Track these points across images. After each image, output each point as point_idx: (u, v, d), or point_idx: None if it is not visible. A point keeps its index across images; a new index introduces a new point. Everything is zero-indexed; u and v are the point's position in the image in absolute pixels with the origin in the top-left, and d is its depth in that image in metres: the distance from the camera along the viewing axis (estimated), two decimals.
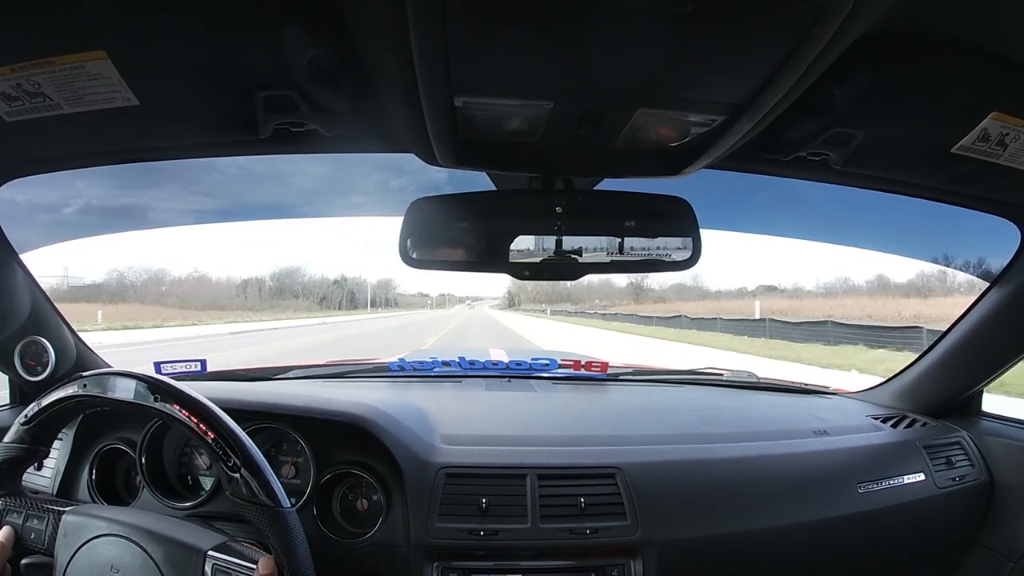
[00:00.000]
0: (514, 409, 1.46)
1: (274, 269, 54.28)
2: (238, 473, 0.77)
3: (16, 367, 1.25)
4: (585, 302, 53.15)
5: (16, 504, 0.83)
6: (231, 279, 47.62)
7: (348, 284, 59.72)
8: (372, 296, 65.78)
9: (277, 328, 23.93)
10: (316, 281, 57.24)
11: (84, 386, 0.81)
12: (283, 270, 54.45)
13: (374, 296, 66.31)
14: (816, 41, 0.57)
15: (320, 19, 0.68)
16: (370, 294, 64.95)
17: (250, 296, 45.53)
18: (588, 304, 50.89)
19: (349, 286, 59.72)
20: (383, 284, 72.21)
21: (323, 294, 55.19)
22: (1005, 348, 1.32)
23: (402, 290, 79.18)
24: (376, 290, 69.03)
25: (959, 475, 1.31)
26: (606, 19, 0.57)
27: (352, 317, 40.00)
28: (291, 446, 1.14)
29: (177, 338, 16.43)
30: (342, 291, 57.35)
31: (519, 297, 73.02)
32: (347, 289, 58.39)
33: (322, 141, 0.95)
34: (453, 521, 1.03)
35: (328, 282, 57.52)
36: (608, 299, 51.51)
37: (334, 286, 57.45)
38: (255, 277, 51.09)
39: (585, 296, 55.22)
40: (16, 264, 1.16)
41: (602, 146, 0.86)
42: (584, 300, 54.39)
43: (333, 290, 57.12)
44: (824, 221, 1.52)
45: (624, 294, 50.94)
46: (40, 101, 0.79)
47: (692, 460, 1.16)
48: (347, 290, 58.48)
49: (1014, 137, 0.86)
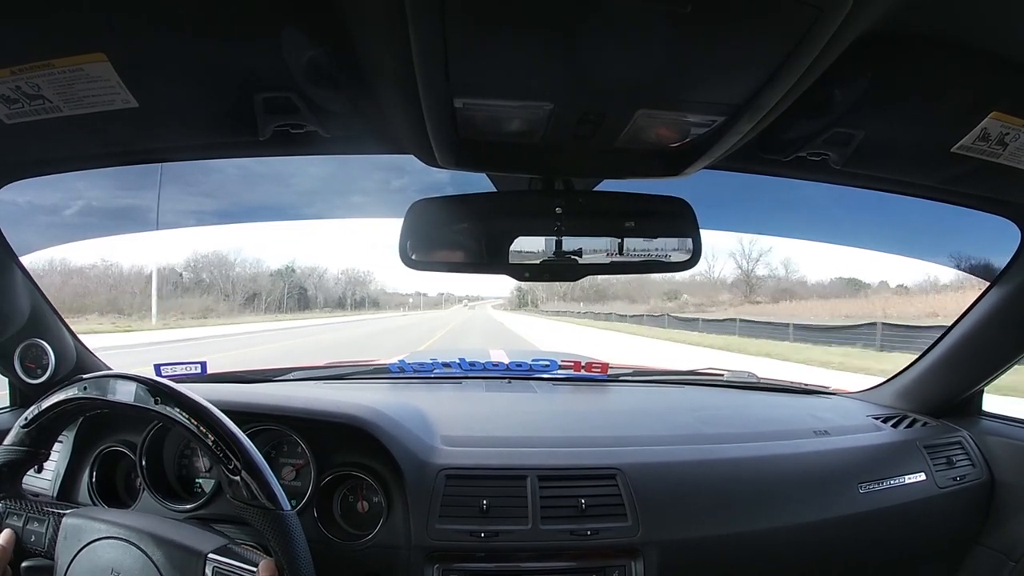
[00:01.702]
0: (514, 410, 1.46)
1: (190, 255, 34.31)
2: (238, 476, 0.77)
3: (16, 370, 1.24)
4: (648, 301, 34.05)
5: (16, 507, 0.83)
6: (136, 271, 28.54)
7: (297, 277, 41.14)
8: (341, 294, 47.37)
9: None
10: (250, 273, 37.88)
11: (84, 388, 0.81)
12: (202, 257, 35.20)
13: (341, 294, 47.68)
14: (816, 41, 0.57)
15: (319, 20, 0.68)
16: (315, 291, 43.87)
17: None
18: (651, 305, 32.21)
19: (298, 279, 41.28)
20: (356, 279, 51.15)
21: (254, 289, 36.80)
22: (1005, 347, 1.32)
23: (383, 286, 57.22)
24: (343, 286, 49.00)
25: (960, 475, 1.31)
26: (606, 20, 0.57)
27: (283, 324, 27.03)
28: (291, 448, 1.14)
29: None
30: (284, 284, 39.05)
31: (532, 295, 53.98)
32: (292, 283, 39.91)
33: (322, 142, 0.95)
34: (454, 523, 1.03)
35: (266, 274, 38.67)
36: (705, 296, 32.08)
37: (275, 279, 38.84)
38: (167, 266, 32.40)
39: (648, 292, 35.25)
40: (16, 266, 1.16)
41: (602, 147, 0.86)
42: (641, 299, 35.01)
43: (271, 284, 38.40)
44: (824, 221, 1.52)
45: (719, 288, 32.07)
46: (40, 103, 0.79)
47: (693, 461, 1.16)
48: (293, 284, 39.94)
49: (1014, 137, 0.86)
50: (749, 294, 30.38)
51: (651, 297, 34.97)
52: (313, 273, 44.97)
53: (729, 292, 31.79)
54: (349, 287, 49.91)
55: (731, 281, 32.37)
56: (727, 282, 32.63)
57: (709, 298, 31.73)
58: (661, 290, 34.79)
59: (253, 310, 35.25)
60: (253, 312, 34.50)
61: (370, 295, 52.63)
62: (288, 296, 39.93)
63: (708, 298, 31.85)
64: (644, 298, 35.25)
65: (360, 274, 51.98)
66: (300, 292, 41.51)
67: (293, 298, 40.22)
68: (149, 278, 27.23)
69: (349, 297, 48.91)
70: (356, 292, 50.50)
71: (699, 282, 33.26)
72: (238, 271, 37.19)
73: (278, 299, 38.85)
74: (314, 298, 43.39)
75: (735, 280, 32.06)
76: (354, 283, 50.92)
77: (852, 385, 1.70)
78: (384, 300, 55.17)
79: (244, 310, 34.57)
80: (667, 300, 32.93)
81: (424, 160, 0.91)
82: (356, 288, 50.92)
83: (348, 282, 50.12)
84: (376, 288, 54.65)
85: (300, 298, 41.11)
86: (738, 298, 30.33)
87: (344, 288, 49.23)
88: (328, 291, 46.64)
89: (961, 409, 1.45)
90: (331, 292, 47.26)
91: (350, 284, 50.36)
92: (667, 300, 32.93)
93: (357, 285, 51.34)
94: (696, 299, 32.50)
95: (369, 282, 52.85)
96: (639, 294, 36.14)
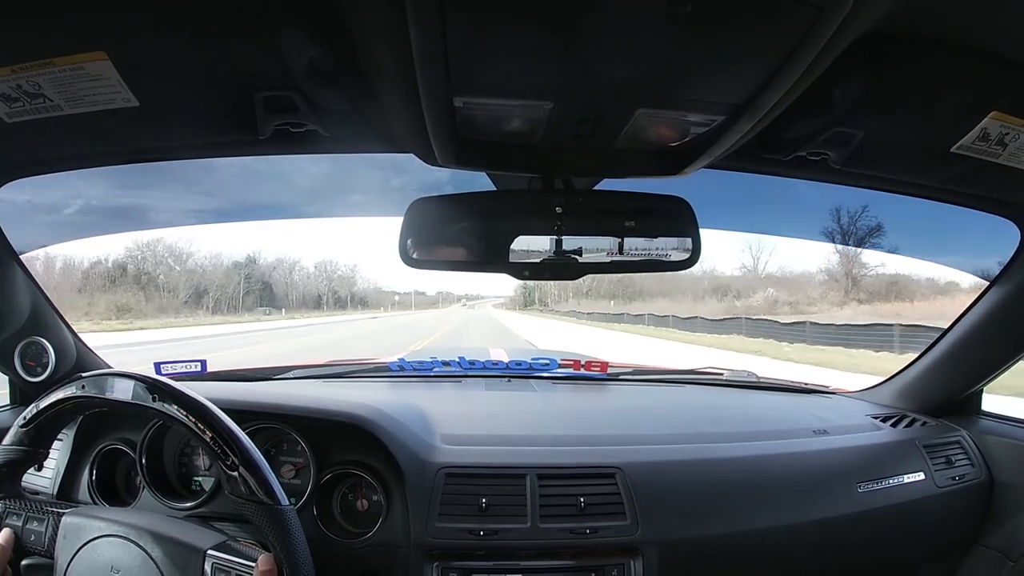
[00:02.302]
0: (514, 409, 1.46)
1: (132, 244, 28.47)
2: (236, 471, 0.77)
3: (16, 368, 1.25)
4: (704, 300, 25.72)
5: (16, 506, 0.83)
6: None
7: (258, 270, 33.49)
8: (324, 293, 40.44)
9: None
10: (198, 267, 30.94)
11: (83, 387, 0.81)
12: (143, 246, 28.93)
13: (320, 294, 40.41)
14: (816, 41, 0.57)
15: (319, 19, 0.68)
16: (286, 291, 36.32)
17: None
18: (716, 306, 24.19)
19: (260, 273, 33.79)
20: (335, 275, 43.30)
21: (203, 284, 29.99)
22: (1005, 347, 1.32)
23: (376, 284, 51.30)
24: (320, 282, 41.32)
25: (959, 474, 1.31)
26: (606, 19, 0.57)
27: (210, 330, 21.25)
28: (291, 446, 1.14)
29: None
30: (239, 278, 31.71)
31: (541, 293, 45.65)
32: (253, 278, 32.31)
33: (322, 141, 0.95)
34: (453, 521, 1.03)
35: (225, 267, 31.93)
36: (799, 293, 22.95)
37: (231, 274, 31.71)
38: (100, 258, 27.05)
39: (699, 289, 26.87)
40: (16, 265, 1.16)
41: (602, 146, 0.86)
42: (694, 297, 26.60)
43: (228, 280, 31.42)
44: (824, 221, 1.52)
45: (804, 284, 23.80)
46: (40, 102, 0.79)
47: (692, 460, 1.16)
48: (254, 279, 32.59)
49: (1014, 137, 0.86)
50: (852, 291, 21.64)
51: (705, 295, 26.44)
52: (281, 266, 38.44)
53: (824, 287, 23.13)
54: (327, 283, 42.97)
55: (817, 275, 23.86)
56: (816, 278, 24.07)
57: (806, 295, 22.66)
58: (710, 287, 26.10)
59: (190, 310, 28.91)
60: (189, 312, 28.11)
61: (357, 293, 46.47)
62: (248, 293, 33.30)
63: (804, 295, 22.58)
64: (698, 296, 26.76)
65: (341, 269, 45.25)
66: (264, 288, 35.29)
67: (254, 295, 33.83)
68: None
69: (326, 295, 42.28)
70: (339, 290, 43.81)
71: (786, 278, 24.30)
72: (193, 264, 31.47)
73: (232, 296, 32.26)
74: (284, 296, 37.15)
75: (826, 273, 23.31)
76: (333, 279, 43.82)
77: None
78: (376, 299, 49.50)
79: (186, 309, 28.62)
80: (733, 299, 23.79)
81: (424, 159, 0.91)
82: (339, 285, 43.97)
83: (326, 278, 43.01)
84: (367, 286, 48.82)
85: (265, 295, 34.73)
86: (838, 295, 21.96)
87: (321, 285, 42.24)
88: (301, 288, 40.13)
89: (960, 409, 1.45)
90: (305, 289, 40.72)
91: (329, 280, 43.43)
92: (733, 299, 23.79)
93: (339, 282, 44.30)
94: (789, 295, 23.52)
95: (355, 279, 46.65)
96: (693, 290, 26.92)
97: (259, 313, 31.86)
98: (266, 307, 34.35)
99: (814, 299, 22.00)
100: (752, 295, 24.88)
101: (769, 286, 22.69)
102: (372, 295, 50.74)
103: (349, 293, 45.16)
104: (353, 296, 46.75)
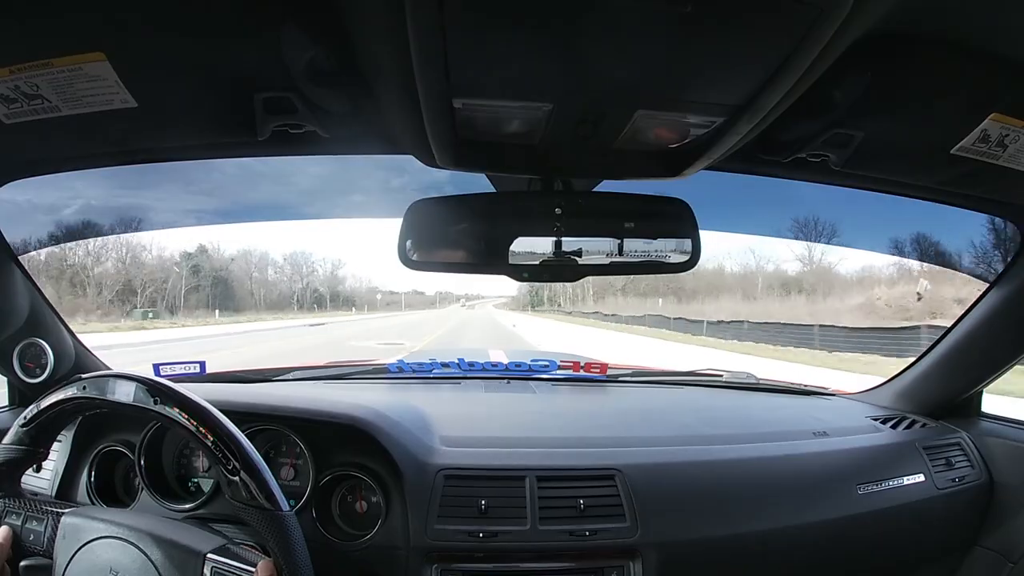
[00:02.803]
0: (513, 410, 1.46)
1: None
2: (237, 476, 0.77)
3: (15, 369, 1.25)
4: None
5: (15, 506, 0.83)
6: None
7: (205, 262, 27.32)
8: (297, 292, 33.96)
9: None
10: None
11: (83, 388, 0.81)
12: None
13: (297, 293, 33.95)
14: (816, 42, 0.57)
15: (319, 20, 0.68)
16: (250, 288, 29.50)
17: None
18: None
19: (215, 266, 27.80)
20: (321, 274, 36.84)
21: (140, 279, 24.19)
22: (1005, 348, 1.32)
23: (366, 282, 44.03)
24: (290, 277, 34.18)
25: (959, 476, 1.31)
26: (605, 20, 0.57)
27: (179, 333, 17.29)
28: (290, 448, 1.14)
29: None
30: (181, 272, 25.65)
31: (551, 292, 37.93)
32: (204, 272, 26.32)
33: (321, 142, 0.95)
34: (452, 523, 1.03)
35: (169, 260, 25.85)
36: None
37: (181, 267, 25.74)
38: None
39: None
40: (15, 266, 1.16)
41: (601, 147, 0.86)
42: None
43: (168, 274, 25.52)
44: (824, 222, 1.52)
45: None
46: (38, 103, 0.79)
47: (692, 462, 1.16)
48: (203, 275, 26.43)
49: (1014, 138, 0.86)
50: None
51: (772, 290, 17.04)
52: (245, 259, 31.35)
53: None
54: (301, 281, 35.73)
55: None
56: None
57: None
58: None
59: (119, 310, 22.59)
60: (105, 315, 21.70)
61: (342, 292, 39.59)
62: (194, 290, 26.76)
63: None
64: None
65: (320, 264, 37.91)
66: (217, 284, 28.30)
67: (201, 293, 27.31)
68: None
69: (297, 294, 35.34)
70: (320, 288, 36.97)
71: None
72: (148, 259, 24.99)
73: (171, 293, 26.11)
74: (248, 294, 30.10)
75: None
76: (308, 275, 36.43)
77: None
78: (365, 299, 42.83)
79: (116, 310, 22.77)
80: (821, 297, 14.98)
81: (423, 160, 0.91)
82: (320, 283, 37.02)
83: (300, 275, 35.68)
84: (358, 285, 42.86)
85: (219, 292, 27.81)
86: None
87: (296, 282, 35.28)
88: (269, 285, 33.13)
89: (960, 410, 1.45)
90: (274, 287, 33.71)
91: (303, 277, 36.11)
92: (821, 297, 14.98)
93: (318, 279, 37.04)
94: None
95: (342, 277, 39.52)
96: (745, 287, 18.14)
97: (200, 316, 25.71)
98: (214, 307, 27.52)
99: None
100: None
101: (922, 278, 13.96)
102: (362, 295, 44.63)
103: (329, 292, 38.33)
104: (337, 296, 40.39)
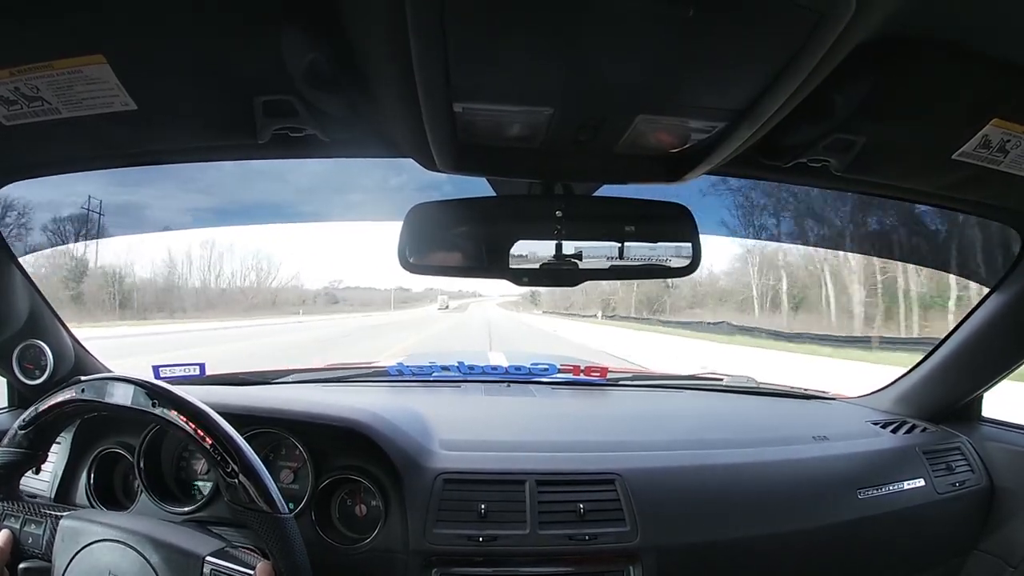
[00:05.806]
0: (513, 414, 1.45)
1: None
2: (236, 479, 0.77)
3: (14, 371, 1.24)
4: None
5: (14, 508, 0.83)
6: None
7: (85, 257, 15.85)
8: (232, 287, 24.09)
9: None
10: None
11: (82, 391, 0.81)
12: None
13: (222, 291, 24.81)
14: (817, 47, 0.57)
15: (319, 23, 0.68)
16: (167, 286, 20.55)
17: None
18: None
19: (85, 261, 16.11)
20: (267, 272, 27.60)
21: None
22: (1005, 353, 1.32)
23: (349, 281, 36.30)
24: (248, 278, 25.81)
25: (959, 480, 1.31)
26: (606, 25, 0.57)
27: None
28: (289, 451, 1.13)
29: None
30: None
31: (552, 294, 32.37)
32: (76, 270, 15.31)
33: (321, 146, 0.95)
34: (452, 527, 1.02)
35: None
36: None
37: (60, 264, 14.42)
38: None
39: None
40: (14, 267, 1.16)
41: (602, 152, 0.86)
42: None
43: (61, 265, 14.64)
44: (825, 227, 1.52)
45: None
46: (38, 105, 0.79)
47: (692, 466, 1.15)
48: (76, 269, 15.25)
49: (1015, 144, 0.86)
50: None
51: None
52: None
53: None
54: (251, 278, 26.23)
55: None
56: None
57: None
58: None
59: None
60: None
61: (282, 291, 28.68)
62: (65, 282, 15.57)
63: None
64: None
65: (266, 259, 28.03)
66: (116, 284, 18.18)
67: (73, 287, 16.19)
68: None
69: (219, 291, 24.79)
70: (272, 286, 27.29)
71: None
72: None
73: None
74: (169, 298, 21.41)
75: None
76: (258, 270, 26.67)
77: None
78: (350, 297, 34.66)
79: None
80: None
81: (423, 164, 0.91)
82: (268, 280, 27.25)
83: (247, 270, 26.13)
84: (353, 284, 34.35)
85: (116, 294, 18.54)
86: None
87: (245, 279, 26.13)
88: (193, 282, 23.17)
89: (961, 415, 1.45)
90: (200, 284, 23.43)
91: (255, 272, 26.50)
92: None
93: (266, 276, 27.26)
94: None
95: (298, 280, 30.17)
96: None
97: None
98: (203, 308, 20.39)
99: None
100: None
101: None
102: (355, 294, 35.27)
103: (274, 296, 28.27)
104: (328, 295, 32.53)
